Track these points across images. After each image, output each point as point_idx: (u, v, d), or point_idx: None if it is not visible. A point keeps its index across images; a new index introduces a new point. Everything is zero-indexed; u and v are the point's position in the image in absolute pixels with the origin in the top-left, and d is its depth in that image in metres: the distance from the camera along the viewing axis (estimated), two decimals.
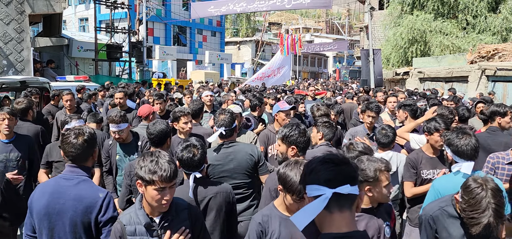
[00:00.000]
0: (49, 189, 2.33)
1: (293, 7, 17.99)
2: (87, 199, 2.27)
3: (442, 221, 2.40)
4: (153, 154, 2.06)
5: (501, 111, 4.48)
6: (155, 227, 2.10)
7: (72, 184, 2.30)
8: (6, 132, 4.00)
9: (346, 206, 1.38)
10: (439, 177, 3.14)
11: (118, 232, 2.12)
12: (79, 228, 2.26)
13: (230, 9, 17.99)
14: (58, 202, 2.27)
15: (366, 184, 2.32)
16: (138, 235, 2.10)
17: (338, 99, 9.58)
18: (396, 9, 22.40)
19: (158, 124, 3.35)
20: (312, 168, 1.43)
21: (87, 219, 2.26)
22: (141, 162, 2.04)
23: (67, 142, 2.35)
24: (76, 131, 2.40)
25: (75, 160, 2.35)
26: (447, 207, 2.41)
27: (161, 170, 1.98)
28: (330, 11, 67.23)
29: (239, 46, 46.25)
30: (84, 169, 2.38)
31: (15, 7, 12.09)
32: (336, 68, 48.61)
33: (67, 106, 6.26)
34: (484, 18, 19.23)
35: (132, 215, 2.14)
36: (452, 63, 15.21)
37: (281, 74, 18.50)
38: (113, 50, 19.08)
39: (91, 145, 2.40)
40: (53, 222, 2.27)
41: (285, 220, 2.28)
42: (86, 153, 2.38)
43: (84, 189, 2.30)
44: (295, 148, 2.99)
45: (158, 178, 1.97)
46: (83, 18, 32.83)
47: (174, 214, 2.14)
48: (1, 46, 11.91)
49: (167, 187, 2.02)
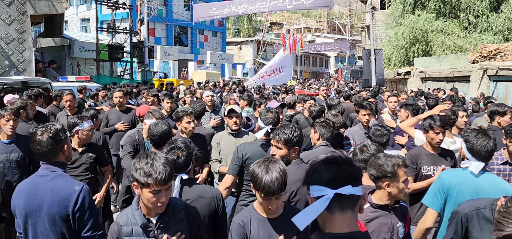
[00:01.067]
0: (25, 188, 2.38)
1: (295, 7, 17.96)
2: (62, 192, 2.30)
3: (477, 221, 2.37)
4: (148, 155, 2.04)
5: (500, 111, 4.48)
6: (152, 228, 2.10)
7: (47, 179, 2.34)
8: (10, 132, 4.02)
9: (348, 207, 1.38)
10: (447, 170, 3.16)
11: (115, 233, 2.12)
12: (58, 221, 2.29)
13: (232, 11, 17.99)
14: (36, 199, 2.31)
15: (385, 179, 2.36)
16: (135, 236, 2.09)
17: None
18: (398, 8, 22.34)
19: (160, 125, 3.36)
20: (314, 168, 1.43)
21: (64, 212, 2.28)
22: (137, 164, 2.03)
23: (34, 140, 2.37)
24: (42, 128, 2.41)
25: (43, 157, 2.38)
26: (484, 210, 2.37)
27: (156, 173, 1.97)
28: (331, 11, 67.18)
29: (240, 46, 46.25)
30: (58, 165, 2.40)
31: (16, 7, 12.12)
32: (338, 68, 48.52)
33: (67, 107, 6.26)
34: (486, 18, 19.16)
35: (129, 215, 2.13)
36: (454, 63, 15.17)
37: (282, 74, 18.47)
38: (114, 51, 19.12)
39: (58, 141, 2.39)
40: (34, 219, 2.32)
41: (263, 222, 2.28)
42: (54, 148, 2.38)
43: (59, 183, 2.33)
44: (297, 148, 2.99)
45: (152, 181, 1.96)
46: (84, 18, 32.91)
47: (171, 214, 2.13)
48: (3, 47, 11.93)
49: (163, 190, 2.00)
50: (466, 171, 2.86)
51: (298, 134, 2.96)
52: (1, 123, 4.03)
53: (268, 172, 2.16)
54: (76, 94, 7.84)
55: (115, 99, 6.38)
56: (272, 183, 2.13)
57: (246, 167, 3.35)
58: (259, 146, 3.44)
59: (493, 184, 2.77)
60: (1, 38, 11.88)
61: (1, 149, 3.97)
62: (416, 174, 3.64)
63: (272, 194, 2.14)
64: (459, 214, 2.46)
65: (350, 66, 54.65)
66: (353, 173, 1.40)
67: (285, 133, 2.92)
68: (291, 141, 2.91)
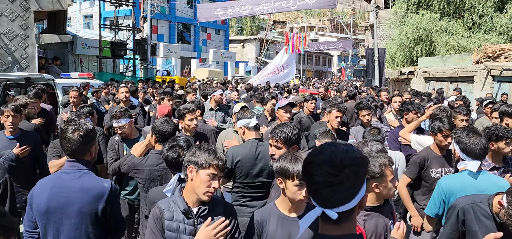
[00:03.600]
0: (50, 184, 2.35)
1: (298, 7, 17.94)
2: (94, 189, 2.32)
3: (473, 215, 2.39)
4: (209, 147, 2.21)
5: (509, 112, 4.45)
6: (192, 216, 2.17)
7: (74, 177, 2.34)
8: (11, 129, 4.05)
9: (342, 219, 1.31)
10: (445, 177, 3.13)
11: (156, 215, 2.19)
12: (86, 219, 2.29)
13: (236, 12, 18.01)
14: (61, 195, 2.29)
15: (373, 180, 2.30)
16: (176, 221, 2.17)
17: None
18: (402, 8, 22.25)
19: (172, 124, 3.40)
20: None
21: (94, 209, 2.31)
22: (197, 151, 2.17)
23: (64, 136, 2.39)
24: (73, 126, 2.43)
25: (73, 154, 2.38)
26: (481, 204, 2.40)
27: (218, 159, 2.14)
28: (335, 10, 67.02)
29: (243, 45, 46.22)
30: (84, 163, 2.41)
31: (20, 4, 12.12)
32: (341, 68, 48.45)
33: (72, 103, 6.25)
34: (490, 18, 19.07)
35: (171, 202, 2.23)
36: (458, 63, 15.10)
37: (285, 72, 18.46)
38: (117, 48, 19.11)
39: (88, 140, 2.42)
40: (57, 216, 2.28)
41: (283, 219, 2.25)
42: (83, 147, 2.40)
43: (88, 180, 2.35)
44: (296, 146, 2.97)
45: (215, 163, 2.12)
46: (87, 15, 32.95)
47: (211, 206, 2.20)
48: (6, 43, 11.95)
49: (218, 176, 2.15)
50: (464, 175, 2.85)
51: (297, 132, 2.96)
52: (2, 119, 4.06)
53: (297, 160, 2.17)
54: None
55: (121, 95, 6.37)
56: (299, 166, 2.14)
57: (237, 170, 3.37)
58: (251, 149, 3.41)
59: (493, 183, 2.77)
60: (5, 34, 11.90)
61: (5, 145, 4.00)
62: (418, 174, 3.64)
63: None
64: (456, 208, 2.49)
65: (353, 66, 54.53)
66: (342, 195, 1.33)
67: (284, 132, 2.91)
68: (291, 140, 2.91)
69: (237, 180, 3.42)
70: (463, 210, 2.43)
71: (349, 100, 8.49)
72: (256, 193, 3.33)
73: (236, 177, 3.42)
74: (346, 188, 1.26)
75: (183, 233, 2.16)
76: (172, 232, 2.17)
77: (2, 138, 4.07)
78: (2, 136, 4.09)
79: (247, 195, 3.38)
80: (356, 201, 1.29)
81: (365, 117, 4.98)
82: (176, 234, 2.17)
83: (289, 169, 2.15)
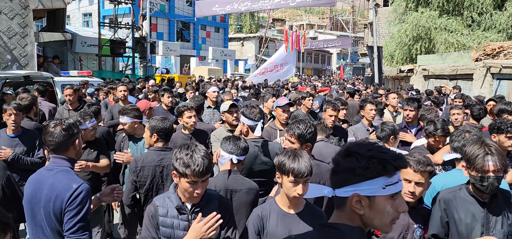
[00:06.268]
0: (33, 179, 2.40)
1: (297, 4, 17.92)
2: (59, 188, 2.27)
3: (454, 202, 2.43)
4: (189, 147, 2.15)
5: (509, 109, 4.46)
6: (186, 212, 2.20)
7: (51, 174, 2.34)
8: (13, 127, 4.09)
9: (338, 206, 1.36)
10: (438, 175, 3.16)
11: (151, 212, 2.24)
12: (52, 216, 2.28)
13: (234, 8, 17.97)
14: (39, 191, 2.32)
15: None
16: (170, 217, 2.21)
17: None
18: (401, 5, 22.23)
19: (168, 121, 3.41)
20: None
21: (58, 208, 2.26)
22: (178, 153, 2.13)
23: (46, 131, 2.39)
24: (55, 121, 2.43)
25: (55, 150, 2.38)
26: (460, 191, 2.45)
27: (194, 165, 2.07)
28: (334, 8, 66.96)
29: (242, 43, 46.16)
30: (67, 160, 2.40)
31: (19, 1, 12.09)
32: (340, 65, 48.41)
33: (68, 101, 6.24)
34: (489, 16, 19.05)
35: (165, 198, 2.26)
36: (457, 61, 15.09)
37: (284, 70, 18.45)
38: (116, 46, 19.07)
39: (70, 135, 2.41)
40: (35, 211, 2.33)
41: (283, 215, 2.28)
42: (66, 142, 2.39)
43: (59, 178, 2.31)
44: (310, 145, 2.98)
45: (190, 172, 2.07)
46: (86, 13, 32.87)
47: (205, 202, 2.22)
48: (5, 41, 11.93)
49: (199, 181, 2.11)
50: (455, 172, 2.88)
51: (312, 131, 2.97)
52: (4, 118, 4.09)
53: (295, 157, 2.21)
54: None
55: (119, 94, 6.36)
56: (300, 164, 2.18)
57: None
58: (252, 148, 3.37)
59: None
60: (4, 33, 11.88)
61: (6, 142, 4.04)
62: None
63: (301, 176, 2.17)
64: (437, 200, 2.52)
65: (352, 63, 54.51)
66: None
67: (299, 128, 2.93)
68: (305, 137, 2.92)
69: None
70: (444, 200, 2.46)
71: (349, 98, 8.52)
72: None
73: None
74: (337, 171, 1.34)
75: (177, 228, 2.20)
76: (166, 228, 2.21)
77: (4, 136, 4.11)
78: (3, 134, 4.13)
79: None
80: (343, 193, 1.31)
81: (371, 112, 5.02)
82: (171, 230, 2.21)
83: (285, 165, 2.20)
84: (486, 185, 2.24)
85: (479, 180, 2.26)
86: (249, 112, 3.55)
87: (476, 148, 2.28)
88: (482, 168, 2.23)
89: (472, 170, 2.29)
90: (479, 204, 2.36)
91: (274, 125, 4.56)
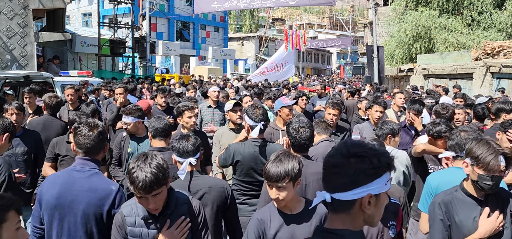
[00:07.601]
0: (60, 180, 2.35)
1: (297, 4, 17.89)
2: (100, 191, 2.31)
3: (454, 204, 2.42)
4: (140, 158, 2.04)
5: (507, 108, 4.45)
6: (153, 221, 2.14)
7: (84, 176, 2.34)
8: None
9: (341, 209, 1.33)
10: (433, 173, 3.16)
11: (118, 222, 2.17)
12: (91, 220, 2.28)
13: (233, 5, 17.90)
14: (71, 193, 2.29)
15: None
16: (138, 227, 2.14)
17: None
18: (401, 5, 22.24)
19: (163, 120, 3.40)
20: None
21: (99, 211, 2.29)
22: (131, 163, 2.05)
23: (81, 133, 2.39)
24: (90, 123, 2.45)
25: (88, 152, 2.39)
26: (456, 192, 2.44)
27: (138, 181, 1.95)
28: (334, 7, 66.95)
29: (242, 42, 46.15)
30: (95, 162, 2.42)
31: (18, 1, 12.08)
32: (340, 65, 48.41)
33: (69, 101, 6.25)
34: (489, 15, 19.06)
35: (133, 206, 2.17)
36: (457, 60, 15.09)
37: (284, 70, 18.43)
38: (116, 46, 19.07)
39: (104, 138, 2.46)
40: (64, 213, 2.29)
41: (284, 216, 2.27)
42: (99, 145, 2.42)
43: (97, 181, 2.34)
44: (305, 153, 3.02)
45: (134, 188, 1.99)
46: (86, 13, 32.86)
47: (173, 208, 2.16)
48: (5, 41, 11.92)
49: (148, 197, 1.99)
50: (451, 170, 2.88)
51: (304, 142, 2.99)
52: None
53: (276, 160, 2.20)
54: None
55: (116, 95, 6.35)
56: (272, 168, 2.17)
57: (237, 168, 3.38)
58: (252, 148, 3.38)
59: None
60: (3, 33, 11.87)
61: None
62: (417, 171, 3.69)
63: (270, 179, 2.17)
64: (436, 204, 2.50)
65: (352, 63, 54.49)
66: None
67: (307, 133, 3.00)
68: (302, 146, 2.98)
69: (237, 178, 3.43)
70: (443, 202, 2.45)
71: (349, 97, 8.58)
72: (256, 192, 3.34)
73: (236, 174, 3.43)
74: (344, 174, 1.28)
75: (146, 237, 2.14)
76: (135, 238, 2.15)
77: None
78: None
79: (247, 193, 3.40)
80: (354, 195, 1.28)
81: (376, 113, 5.04)
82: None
83: (266, 168, 2.22)
84: (492, 184, 2.25)
85: (489, 179, 2.25)
86: (252, 112, 3.54)
87: (486, 148, 2.28)
88: (494, 168, 2.24)
89: (480, 168, 2.28)
90: (477, 202, 2.37)
91: (276, 125, 4.55)
